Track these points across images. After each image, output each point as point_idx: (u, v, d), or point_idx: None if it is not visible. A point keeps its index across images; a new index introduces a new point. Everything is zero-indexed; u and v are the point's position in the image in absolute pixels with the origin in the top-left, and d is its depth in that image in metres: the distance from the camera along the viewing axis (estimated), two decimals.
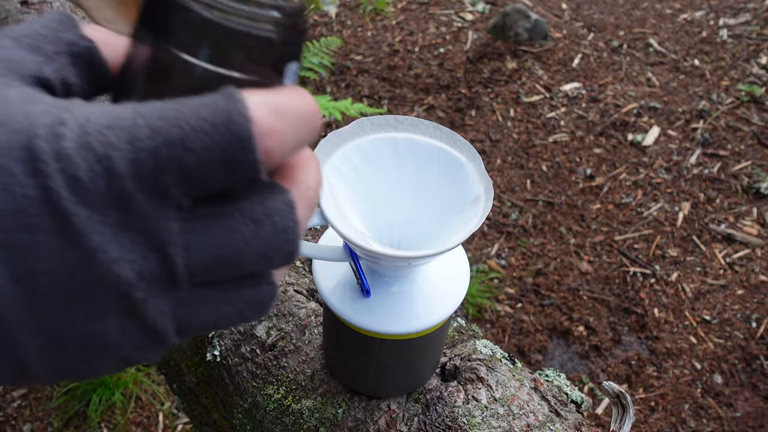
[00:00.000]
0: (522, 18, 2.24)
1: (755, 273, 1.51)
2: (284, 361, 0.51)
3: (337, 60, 2.22)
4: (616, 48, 2.21)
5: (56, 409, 1.23)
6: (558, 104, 2.01)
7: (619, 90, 2.04)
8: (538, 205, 1.70)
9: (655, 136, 1.87)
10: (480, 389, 0.47)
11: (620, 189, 1.73)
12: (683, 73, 2.08)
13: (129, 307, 0.17)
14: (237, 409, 0.53)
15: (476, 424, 0.45)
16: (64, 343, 0.17)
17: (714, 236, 1.60)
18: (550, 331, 1.43)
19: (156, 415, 1.24)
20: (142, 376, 1.27)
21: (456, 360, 0.50)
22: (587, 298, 1.48)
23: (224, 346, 0.54)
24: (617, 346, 1.40)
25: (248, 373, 0.52)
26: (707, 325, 1.42)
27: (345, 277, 0.41)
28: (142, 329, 0.17)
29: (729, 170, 1.76)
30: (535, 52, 2.21)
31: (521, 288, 1.52)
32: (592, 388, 1.32)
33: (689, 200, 1.69)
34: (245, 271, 0.19)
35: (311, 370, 0.50)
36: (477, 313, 1.46)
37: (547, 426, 0.46)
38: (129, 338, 0.17)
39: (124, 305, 0.17)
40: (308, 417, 0.48)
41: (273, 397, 0.50)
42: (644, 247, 1.58)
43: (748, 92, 1.97)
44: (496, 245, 1.61)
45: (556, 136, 1.90)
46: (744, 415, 1.28)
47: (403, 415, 0.47)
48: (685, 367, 1.35)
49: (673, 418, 1.28)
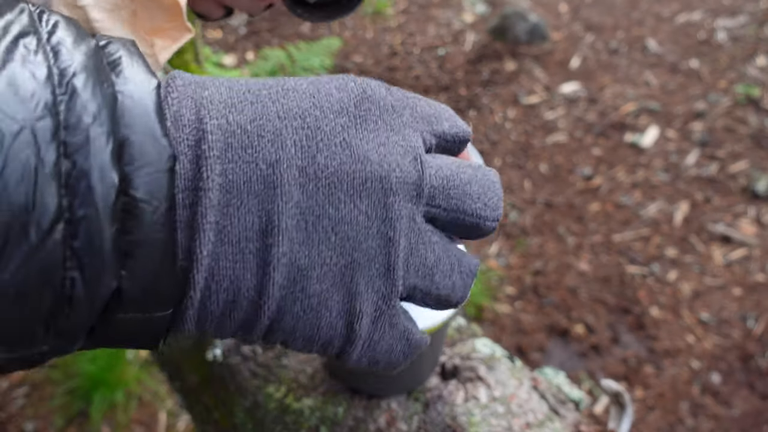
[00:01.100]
0: (521, 20, 2.24)
1: (753, 273, 1.52)
2: (285, 361, 0.52)
3: (337, 61, 2.22)
4: (615, 49, 2.22)
5: (58, 408, 1.23)
6: (557, 105, 2.02)
7: (617, 91, 2.04)
8: (537, 205, 1.71)
9: (653, 136, 1.88)
10: (479, 388, 0.48)
11: (619, 189, 1.74)
12: (681, 75, 2.09)
13: (384, 198, 0.21)
14: (238, 408, 0.53)
15: (476, 423, 0.46)
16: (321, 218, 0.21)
17: (712, 236, 1.60)
18: (549, 330, 1.43)
19: (157, 414, 1.25)
20: (143, 375, 1.27)
21: (456, 359, 0.51)
22: (586, 297, 1.49)
23: (225, 346, 0.55)
24: (616, 345, 1.40)
25: (249, 373, 0.52)
26: (705, 325, 1.43)
27: None
28: (382, 220, 0.21)
29: (727, 171, 1.76)
30: (534, 53, 2.21)
31: (520, 287, 1.52)
32: (591, 387, 1.32)
33: (687, 201, 1.69)
34: (467, 211, 0.23)
35: (312, 369, 0.51)
36: (476, 313, 1.46)
37: (546, 424, 0.47)
38: (370, 223, 0.21)
39: (379, 195, 0.21)
40: (309, 416, 0.49)
41: (274, 396, 0.50)
42: (642, 247, 1.59)
43: (745, 94, 1.97)
44: (495, 245, 1.62)
45: (555, 137, 1.90)
46: (741, 413, 1.28)
47: (403, 413, 0.47)
48: (683, 366, 1.36)
49: (671, 416, 1.28)
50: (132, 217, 0.17)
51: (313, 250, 0.20)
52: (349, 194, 0.21)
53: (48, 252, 0.16)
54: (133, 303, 0.18)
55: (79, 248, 0.17)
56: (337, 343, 0.22)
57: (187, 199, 0.19)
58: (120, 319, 0.19)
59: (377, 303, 0.22)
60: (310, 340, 0.22)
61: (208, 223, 0.19)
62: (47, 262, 0.16)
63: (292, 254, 0.20)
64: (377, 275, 0.22)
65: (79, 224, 0.17)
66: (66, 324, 0.17)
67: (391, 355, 0.24)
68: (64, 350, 0.19)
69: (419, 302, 0.24)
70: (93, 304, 0.17)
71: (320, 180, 0.20)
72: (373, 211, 0.21)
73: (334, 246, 0.21)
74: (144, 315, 0.19)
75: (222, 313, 0.20)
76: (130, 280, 0.18)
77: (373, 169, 0.21)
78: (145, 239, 0.18)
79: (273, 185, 0.20)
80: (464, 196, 0.23)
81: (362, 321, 0.22)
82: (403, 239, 0.22)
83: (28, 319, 0.17)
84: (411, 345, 0.24)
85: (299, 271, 0.20)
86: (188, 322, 0.20)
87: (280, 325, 0.21)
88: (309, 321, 0.21)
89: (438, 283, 0.23)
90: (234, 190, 0.19)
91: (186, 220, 0.19)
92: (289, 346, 0.23)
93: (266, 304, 0.20)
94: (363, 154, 0.21)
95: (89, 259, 0.17)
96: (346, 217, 0.21)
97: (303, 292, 0.21)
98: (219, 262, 0.19)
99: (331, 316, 0.22)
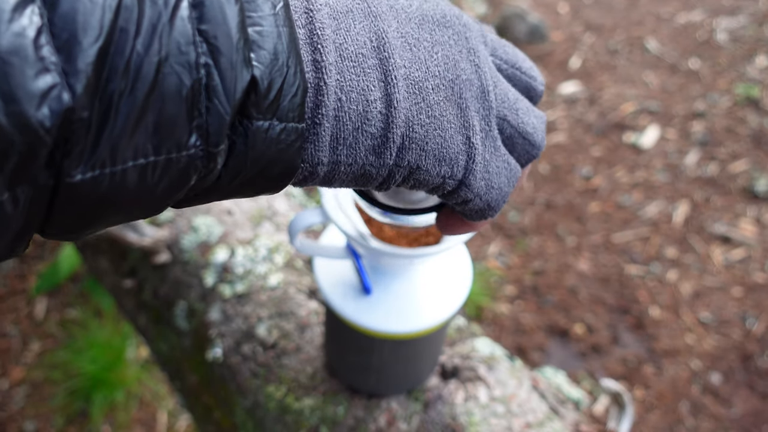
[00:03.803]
0: (521, 20, 2.24)
1: (753, 273, 1.52)
2: (285, 360, 0.52)
3: None
4: (615, 50, 2.22)
5: (59, 407, 1.23)
6: (556, 105, 2.02)
7: (617, 91, 2.04)
8: (536, 205, 1.71)
9: (653, 137, 1.88)
10: (479, 388, 0.48)
11: (618, 189, 1.74)
12: (681, 75, 2.09)
13: (464, 31, 0.25)
14: (238, 408, 0.53)
15: (476, 423, 0.46)
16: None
17: (712, 236, 1.60)
18: (549, 330, 1.43)
19: (158, 414, 1.25)
20: (144, 375, 1.27)
21: (456, 359, 0.51)
22: (586, 297, 1.49)
23: (225, 346, 0.55)
24: (615, 345, 1.40)
25: (249, 372, 0.52)
26: (705, 325, 1.43)
27: (346, 275, 0.41)
28: (467, 50, 0.24)
29: (727, 171, 1.76)
30: (533, 53, 2.21)
31: (520, 287, 1.52)
32: (591, 386, 1.32)
33: (687, 201, 1.69)
34: (521, 68, 0.27)
35: (312, 369, 0.51)
36: (476, 313, 1.46)
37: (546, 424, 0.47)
38: (460, 49, 0.24)
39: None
40: (309, 415, 0.49)
41: (274, 396, 0.50)
42: (642, 247, 1.59)
43: (745, 94, 1.97)
44: (495, 245, 1.62)
45: (555, 137, 1.90)
46: (741, 413, 1.28)
47: (403, 413, 0.47)
48: (683, 366, 1.36)
49: (671, 416, 1.28)
50: (255, 8, 0.18)
51: (422, 65, 0.22)
52: (436, 25, 0.23)
53: (178, 30, 0.16)
54: (270, 104, 0.19)
55: (207, 30, 0.17)
56: (461, 159, 0.24)
57: (301, 20, 0.20)
58: (258, 127, 0.19)
59: (481, 123, 0.24)
60: (440, 156, 0.23)
61: (327, 37, 0.20)
62: (179, 40, 0.16)
63: (405, 68, 0.22)
64: (476, 96, 0.24)
65: (203, 5, 0.17)
66: (207, 120, 0.18)
67: (500, 179, 0.25)
68: (208, 159, 0.18)
69: (508, 139, 0.26)
70: (231, 93, 0.18)
71: (408, 14, 0.23)
72: (458, 41, 0.24)
73: (438, 62, 0.23)
74: (281, 123, 0.19)
75: (354, 128, 0.21)
76: (263, 71, 0.18)
77: (448, 9, 0.24)
78: (271, 30, 0.18)
79: (372, 14, 0.22)
80: (516, 57, 0.27)
81: (476, 136, 0.24)
82: (486, 69, 0.24)
83: (170, 108, 0.17)
84: (511, 171, 0.26)
85: (415, 83, 0.22)
86: (323, 141, 0.21)
87: (411, 138, 0.22)
88: (436, 131, 0.23)
89: (522, 118, 0.26)
90: (340, 17, 0.21)
91: (305, 38, 0.20)
92: (420, 170, 0.23)
93: (396, 111, 0.22)
94: (439, 6, 0.24)
95: (218, 40, 0.17)
96: (440, 40, 0.23)
97: (425, 102, 0.22)
98: (344, 74, 0.21)
99: (453, 128, 0.23)
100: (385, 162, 0.22)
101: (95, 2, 0.15)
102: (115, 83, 0.15)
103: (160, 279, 0.62)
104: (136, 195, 0.17)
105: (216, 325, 0.56)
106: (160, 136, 0.17)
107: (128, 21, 0.15)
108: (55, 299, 1.41)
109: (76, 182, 0.16)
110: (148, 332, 0.66)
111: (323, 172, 0.22)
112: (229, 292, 0.57)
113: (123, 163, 0.16)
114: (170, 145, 0.17)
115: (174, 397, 1.24)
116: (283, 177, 0.21)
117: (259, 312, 0.55)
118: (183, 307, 0.59)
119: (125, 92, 0.16)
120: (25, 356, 1.31)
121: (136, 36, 0.16)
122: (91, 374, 1.23)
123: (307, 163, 0.21)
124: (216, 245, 0.60)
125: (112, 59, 0.15)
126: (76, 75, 0.15)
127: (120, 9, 0.15)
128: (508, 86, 0.26)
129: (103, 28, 0.15)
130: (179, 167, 0.18)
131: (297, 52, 0.19)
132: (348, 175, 0.22)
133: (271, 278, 0.57)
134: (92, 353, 1.25)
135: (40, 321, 1.37)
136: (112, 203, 0.17)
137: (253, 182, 0.20)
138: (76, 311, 1.38)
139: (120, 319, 1.31)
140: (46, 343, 1.33)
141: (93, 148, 0.16)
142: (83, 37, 0.15)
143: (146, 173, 0.17)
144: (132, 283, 0.65)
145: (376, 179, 0.23)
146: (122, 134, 0.16)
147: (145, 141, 0.17)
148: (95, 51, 0.15)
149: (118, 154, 0.16)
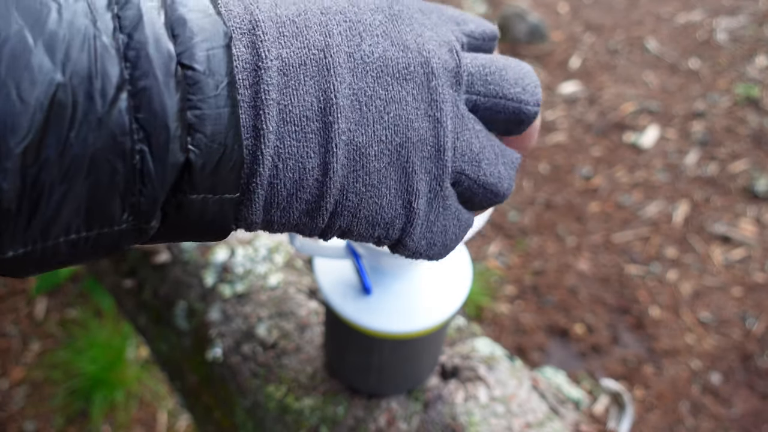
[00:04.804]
0: (521, 20, 2.24)
1: (753, 273, 1.52)
2: (285, 360, 0.52)
3: None
4: (615, 50, 2.22)
5: (59, 407, 1.23)
6: (556, 105, 2.02)
7: (617, 91, 2.04)
8: (536, 205, 1.71)
9: (653, 136, 1.88)
10: (479, 388, 0.48)
11: (618, 189, 1.74)
12: (681, 75, 2.09)
13: (427, 82, 0.23)
14: (238, 407, 0.53)
15: (476, 423, 0.46)
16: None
17: (712, 236, 1.60)
18: (548, 330, 1.43)
19: (157, 414, 1.25)
20: (144, 375, 1.27)
21: (456, 359, 0.51)
22: (586, 297, 1.49)
23: (225, 346, 0.55)
24: (615, 345, 1.40)
25: (249, 372, 0.53)
26: (705, 325, 1.43)
27: (346, 275, 0.41)
28: (428, 103, 0.23)
29: (727, 171, 1.76)
30: (533, 53, 2.22)
31: (520, 287, 1.52)
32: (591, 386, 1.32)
33: (687, 201, 1.69)
34: (506, 95, 0.25)
35: (312, 369, 0.51)
36: (476, 313, 1.46)
37: (546, 424, 0.47)
38: (418, 105, 0.22)
39: (425, 80, 0.23)
40: (309, 415, 0.49)
41: (274, 396, 0.51)
42: (642, 247, 1.59)
43: (745, 94, 1.97)
44: (495, 245, 1.62)
45: (555, 137, 1.90)
46: (741, 413, 1.28)
47: (403, 413, 0.47)
48: (683, 366, 1.36)
49: (671, 416, 1.28)
50: (195, 91, 0.18)
51: (368, 128, 0.22)
52: (395, 77, 0.22)
53: (114, 121, 0.17)
54: (203, 181, 0.19)
55: (144, 119, 0.17)
56: (398, 223, 0.23)
57: (247, 80, 0.20)
58: (192, 200, 0.19)
59: (431, 184, 0.23)
60: (373, 221, 0.23)
61: (272, 100, 0.20)
62: (115, 132, 0.17)
63: (350, 132, 0.21)
64: (428, 156, 0.23)
65: (142, 95, 0.17)
66: (140, 200, 0.18)
67: (446, 236, 0.25)
68: (140, 232, 0.19)
69: (466, 191, 0.25)
70: (164, 178, 0.18)
71: (367, 65, 0.22)
72: (419, 94, 0.22)
73: (388, 125, 0.22)
74: (215, 196, 0.19)
75: (289, 194, 0.21)
76: (198, 155, 0.18)
77: (414, 56, 0.22)
78: (210, 113, 0.18)
79: (326, 68, 0.21)
80: (502, 81, 0.25)
81: (419, 200, 0.23)
82: (449, 122, 0.23)
83: (102, 192, 0.17)
84: (461, 225, 0.26)
85: (358, 148, 0.21)
86: (256, 206, 0.21)
87: (344, 206, 0.22)
88: (371, 199, 0.22)
89: (485, 170, 0.25)
90: (291, 72, 0.20)
91: (248, 100, 0.20)
92: (352, 232, 0.23)
93: (330, 181, 0.21)
94: (403, 43, 0.22)
95: (155, 130, 0.17)
96: (396, 97, 0.22)
97: (363, 169, 0.22)
98: (284, 140, 0.20)
99: (391, 195, 0.23)
100: (317, 225, 0.23)
101: (26, 102, 0.15)
102: (46, 173, 0.16)
103: (160, 279, 0.62)
104: (69, 261, 0.18)
105: (216, 325, 0.56)
106: (92, 215, 0.18)
107: (62, 117, 0.16)
108: (55, 299, 1.41)
109: (8, 257, 0.17)
110: (148, 332, 0.66)
111: (257, 227, 0.22)
112: (229, 292, 0.57)
113: (54, 239, 0.17)
114: (102, 221, 0.18)
115: (174, 397, 1.24)
116: (217, 235, 0.21)
117: (259, 312, 0.55)
118: (183, 307, 0.59)
119: (56, 181, 0.16)
120: (25, 356, 1.31)
121: (70, 129, 0.16)
122: (91, 374, 1.23)
123: (240, 221, 0.22)
124: (216, 245, 0.60)
125: (44, 153, 0.16)
126: (4, 173, 0.15)
127: (53, 106, 0.16)
128: (473, 136, 0.24)
129: (32, 127, 0.15)
130: (111, 239, 0.18)
131: (237, 128, 0.19)
132: (283, 228, 0.23)
133: (271, 278, 0.57)
134: (92, 353, 1.25)
135: (40, 321, 1.37)
136: (48, 266, 0.18)
137: (189, 238, 0.21)
138: (76, 311, 1.38)
139: (120, 319, 1.31)
140: (46, 343, 1.33)
141: (23, 231, 0.16)
142: (11, 138, 0.15)
143: (78, 245, 0.18)
144: (132, 283, 0.65)
145: (311, 234, 0.23)
146: (53, 218, 0.17)
147: (77, 220, 0.17)
148: (22, 150, 0.15)
149: (49, 233, 0.17)
